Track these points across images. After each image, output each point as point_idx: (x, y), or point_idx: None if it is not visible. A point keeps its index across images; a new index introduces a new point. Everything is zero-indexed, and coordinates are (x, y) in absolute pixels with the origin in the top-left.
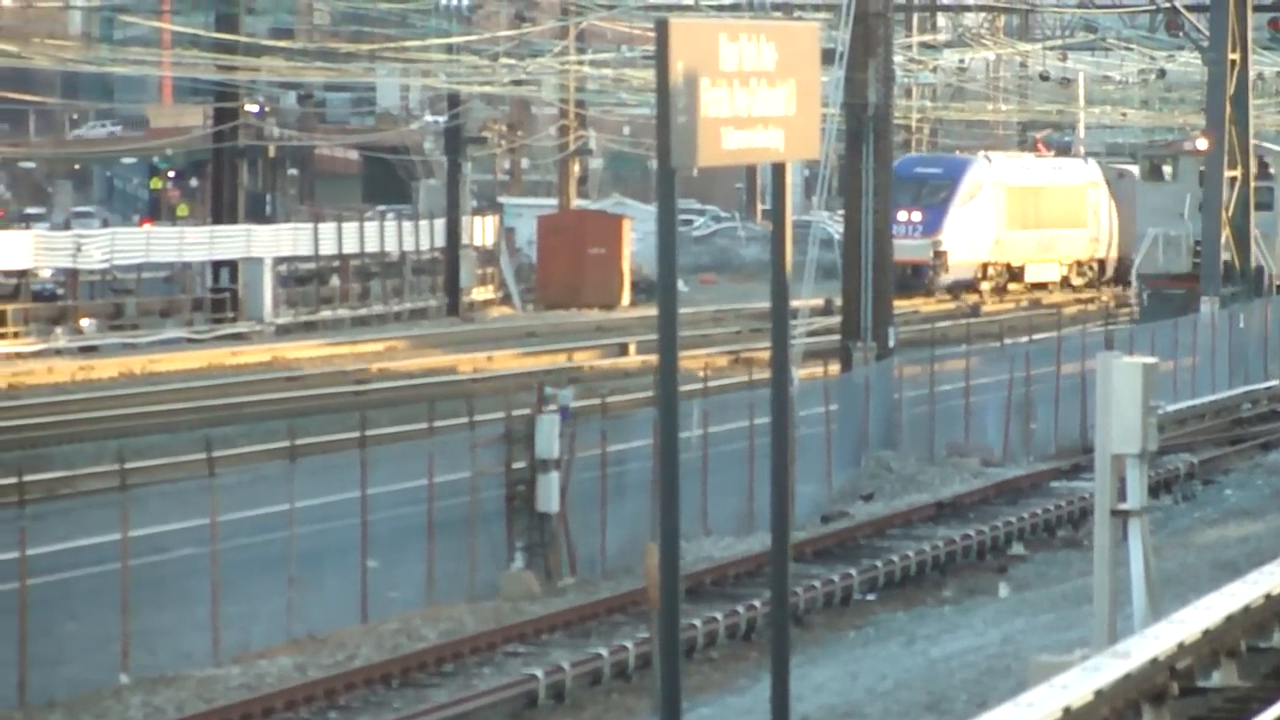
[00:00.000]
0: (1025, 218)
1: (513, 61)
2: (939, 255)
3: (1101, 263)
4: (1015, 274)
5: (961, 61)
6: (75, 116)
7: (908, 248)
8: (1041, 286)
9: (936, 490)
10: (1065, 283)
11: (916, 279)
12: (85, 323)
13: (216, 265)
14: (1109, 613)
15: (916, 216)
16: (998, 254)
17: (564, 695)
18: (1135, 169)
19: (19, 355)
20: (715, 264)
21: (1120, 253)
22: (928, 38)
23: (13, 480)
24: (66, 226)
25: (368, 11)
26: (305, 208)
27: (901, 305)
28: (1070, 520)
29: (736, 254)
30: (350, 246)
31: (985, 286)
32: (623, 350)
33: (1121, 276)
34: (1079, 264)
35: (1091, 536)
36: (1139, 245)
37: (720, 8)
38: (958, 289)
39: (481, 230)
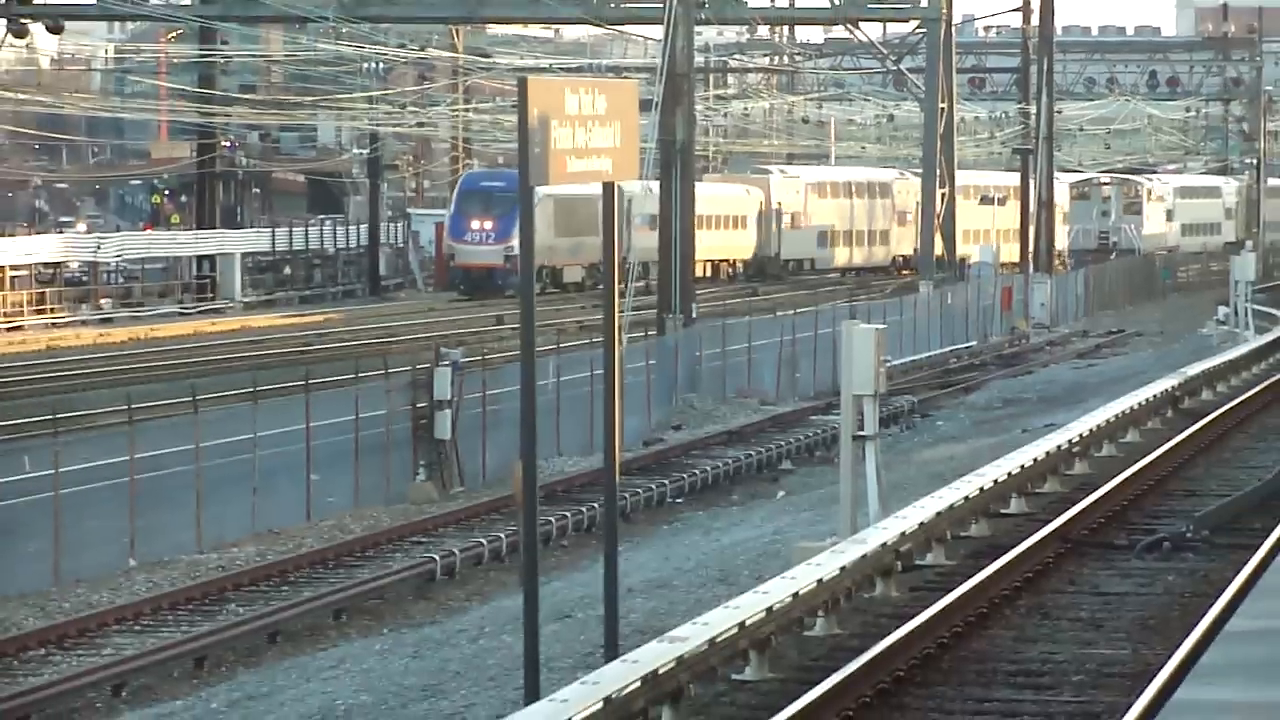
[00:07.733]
0: (569, 226)
1: (417, 109)
2: (510, 259)
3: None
4: (555, 276)
5: (745, 109)
6: (96, 150)
7: (482, 253)
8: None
9: (727, 422)
10: (595, 285)
11: (489, 281)
12: (104, 301)
13: (200, 259)
14: (851, 511)
15: (489, 225)
16: (548, 258)
17: (454, 573)
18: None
19: (55, 325)
20: None
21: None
22: (720, 91)
23: (48, 417)
24: (88, 232)
25: (311, 72)
26: (265, 216)
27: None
28: (825, 443)
29: None
30: (299, 244)
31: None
32: (499, 320)
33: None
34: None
35: (839, 455)
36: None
37: (567, 69)
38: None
39: (394, 233)
